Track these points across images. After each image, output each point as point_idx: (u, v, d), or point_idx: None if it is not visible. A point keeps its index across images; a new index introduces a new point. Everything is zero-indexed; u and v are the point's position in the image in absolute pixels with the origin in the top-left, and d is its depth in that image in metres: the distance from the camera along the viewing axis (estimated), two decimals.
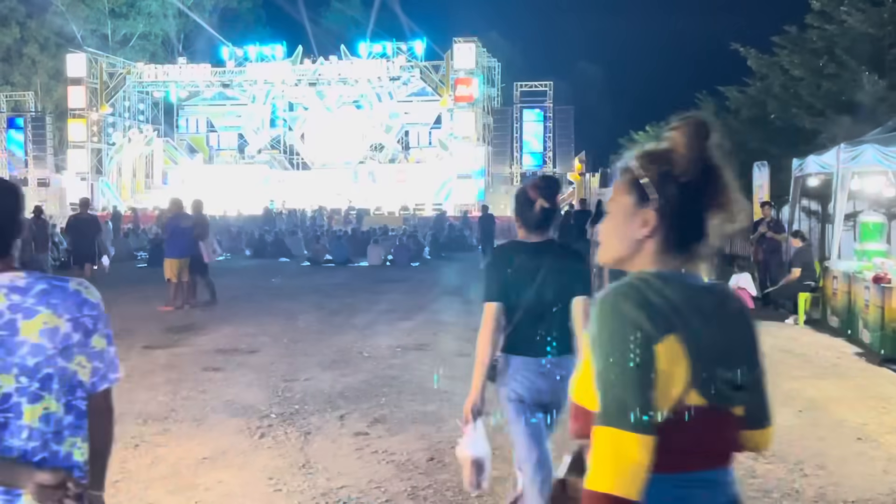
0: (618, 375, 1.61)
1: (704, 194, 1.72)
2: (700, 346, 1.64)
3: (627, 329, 1.61)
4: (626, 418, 1.57)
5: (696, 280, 1.76)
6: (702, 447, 1.68)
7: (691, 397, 1.63)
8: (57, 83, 47.24)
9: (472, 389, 3.61)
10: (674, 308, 1.65)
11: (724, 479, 1.72)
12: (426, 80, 39.52)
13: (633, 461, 1.56)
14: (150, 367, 8.23)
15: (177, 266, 12.45)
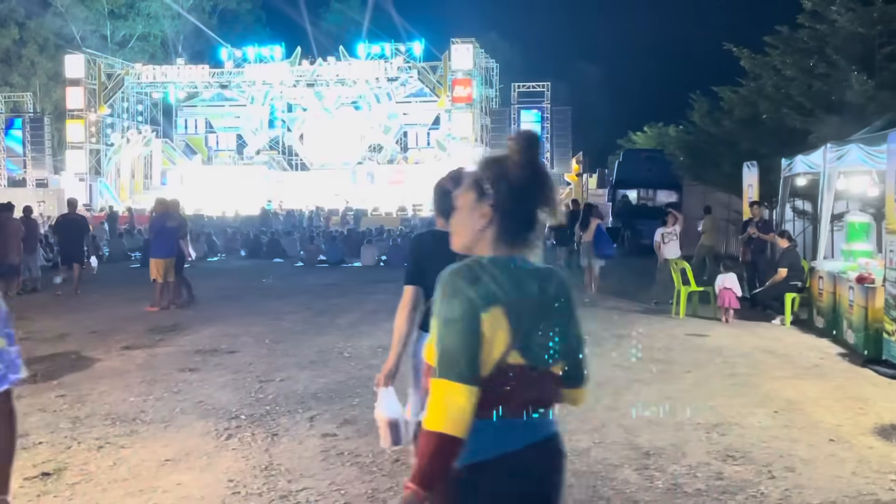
0: (449, 337, 2.04)
1: (532, 194, 2.15)
2: (520, 317, 2.10)
3: (459, 300, 2.05)
4: (455, 372, 2.01)
5: (525, 263, 2.20)
6: (520, 398, 2.12)
7: (512, 357, 2.10)
8: (56, 84, 47.28)
9: (389, 358, 3.97)
10: (499, 285, 2.09)
11: (540, 423, 2.19)
12: (424, 81, 39.50)
13: (459, 407, 2.00)
14: (127, 368, 8.20)
15: (162, 266, 12.42)
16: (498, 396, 2.09)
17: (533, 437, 2.18)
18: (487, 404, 2.07)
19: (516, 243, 2.18)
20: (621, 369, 8.39)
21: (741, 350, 9.51)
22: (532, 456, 2.17)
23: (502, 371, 2.09)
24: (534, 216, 2.19)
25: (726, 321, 11.64)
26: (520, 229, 2.18)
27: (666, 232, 13.90)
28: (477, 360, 2.05)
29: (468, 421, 2.02)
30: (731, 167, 17.42)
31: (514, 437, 2.13)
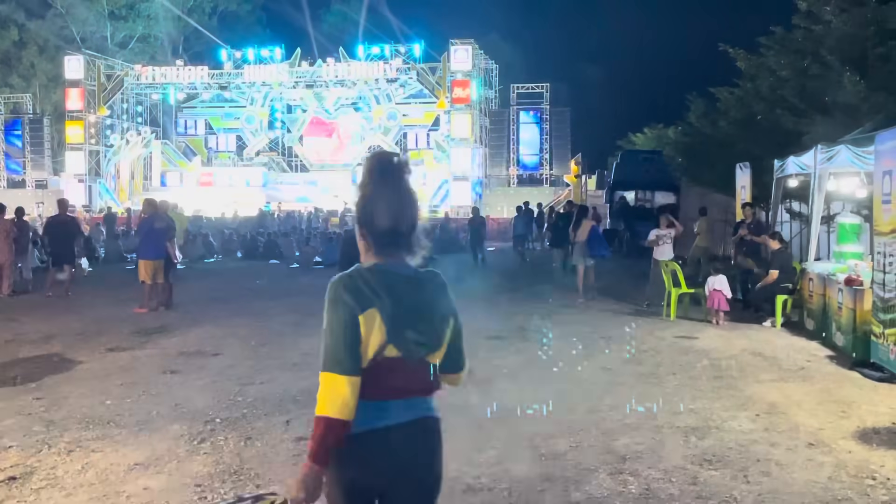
0: (332, 336, 2.45)
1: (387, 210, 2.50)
2: (394, 316, 2.47)
3: (339, 305, 2.45)
4: (338, 366, 2.43)
5: (402, 269, 2.55)
6: (398, 384, 2.51)
7: (389, 350, 2.48)
8: (56, 85, 47.27)
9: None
10: (374, 290, 2.46)
11: (417, 405, 2.58)
12: (423, 82, 39.42)
13: (342, 395, 2.42)
14: (108, 370, 8.15)
15: (151, 267, 12.37)
16: (376, 383, 2.49)
17: (406, 416, 2.56)
18: (370, 390, 2.49)
19: (385, 253, 2.55)
20: (606, 372, 8.34)
21: (729, 352, 9.45)
22: (404, 432, 2.55)
23: (379, 363, 2.49)
24: (395, 229, 2.53)
25: (717, 323, 11.57)
26: (383, 242, 2.54)
27: (660, 233, 13.80)
28: (356, 354, 2.46)
29: (351, 406, 2.44)
30: (726, 168, 17.35)
31: (388, 416, 2.53)
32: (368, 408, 2.50)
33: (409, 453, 2.57)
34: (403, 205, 2.56)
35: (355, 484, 2.57)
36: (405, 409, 2.57)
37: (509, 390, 7.43)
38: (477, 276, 18.95)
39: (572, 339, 10.27)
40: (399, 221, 2.54)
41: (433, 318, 2.61)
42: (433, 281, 2.67)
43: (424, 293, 2.61)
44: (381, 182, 2.55)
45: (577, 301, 14.06)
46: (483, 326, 11.17)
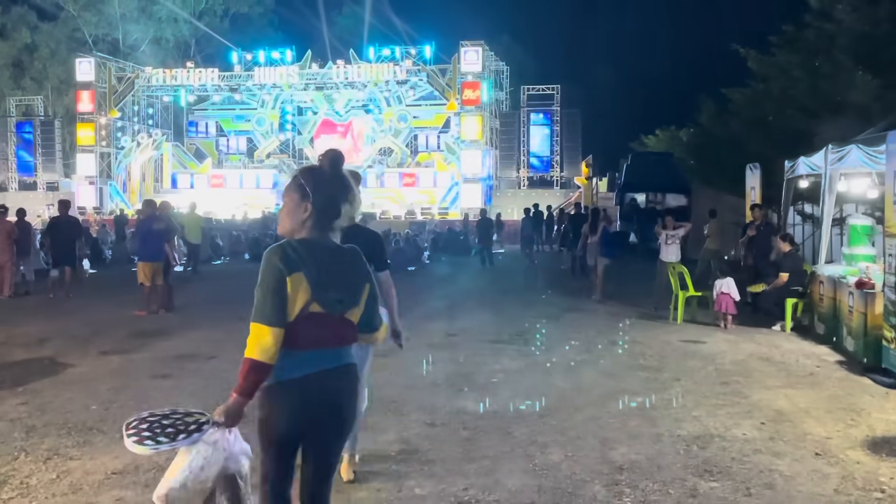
0: (262, 294, 2.96)
1: (337, 196, 3.13)
2: (318, 280, 2.99)
3: (271, 269, 2.96)
4: (264, 318, 2.94)
5: (328, 242, 3.13)
6: (322, 335, 3.05)
7: (313, 307, 3.00)
8: (68, 88, 47.35)
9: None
10: (302, 258, 2.99)
11: (341, 354, 3.13)
12: (433, 83, 39.20)
13: (266, 342, 2.91)
14: (98, 374, 7.98)
15: (149, 269, 12.21)
16: (305, 334, 3.03)
17: (329, 364, 3.11)
18: (294, 339, 3.00)
19: (325, 229, 3.14)
20: (608, 377, 8.11)
21: (736, 357, 9.21)
22: (326, 377, 3.09)
23: (306, 317, 3.02)
24: (338, 211, 3.16)
25: (725, 327, 11.32)
26: (330, 219, 3.15)
27: (668, 233, 13.55)
28: (282, 310, 2.98)
29: (273, 353, 2.96)
30: (736, 169, 17.08)
31: (313, 363, 3.06)
32: (300, 356, 3.04)
33: (334, 394, 3.15)
34: (348, 193, 3.22)
35: (288, 421, 3.07)
36: (330, 357, 3.13)
37: (506, 397, 7.21)
38: (483, 279, 18.75)
39: (576, 343, 10.06)
40: (342, 206, 3.18)
41: (351, 282, 3.17)
42: (352, 252, 3.23)
43: (344, 262, 3.17)
44: (334, 174, 3.22)
45: (591, 298, 13.97)
46: (485, 330, 10.99)
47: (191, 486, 3.20)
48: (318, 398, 3.08)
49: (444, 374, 8.19)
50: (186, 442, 3.21)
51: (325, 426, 3.15)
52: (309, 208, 3.10)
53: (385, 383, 7.71)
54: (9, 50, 48.94)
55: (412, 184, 41.37)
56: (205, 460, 3.22)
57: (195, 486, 3.20)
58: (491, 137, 39.55)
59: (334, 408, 3.16)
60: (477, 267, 21.60)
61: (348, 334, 3.19)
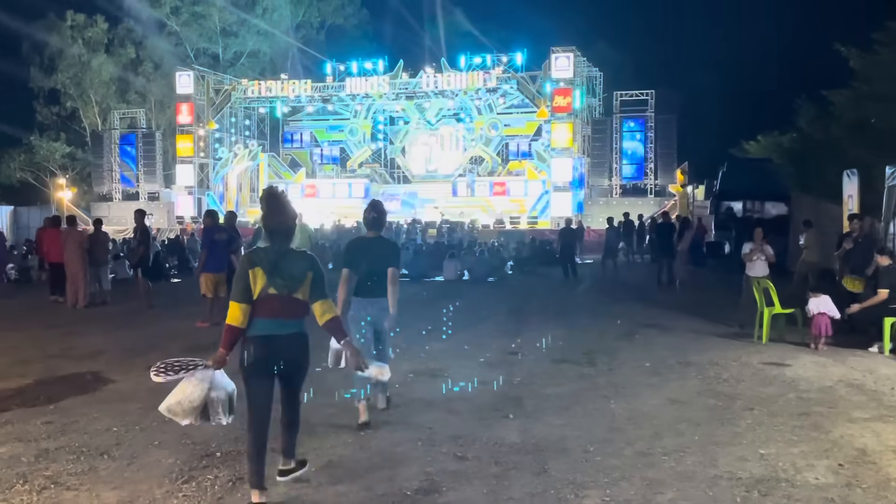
0: (236, 282, 4.68)
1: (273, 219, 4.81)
2: (272, 272, 4.62)
3: (242, 265, 4.71)
4: (237, 297, 4.65)
5: (283, 247, 4.73)
6: (275, 309, 4.65)
7: (270, 289, 4.62)
8: (170, 101, 48.70)
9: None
10: (261, 258, 4.65)
11: (290, 324, 4.73)
12: (523, 91, 38.58)
13: (237, 314, 4.63)
14: (134, 392, 7.75)
15: (212, 281, 12.06)
16: (263, 308, 4.65)
17: (282, 330, 4.73)
18: (258, 311, 4.66)
19: (274, 240, 4.77)
20: (672, 405, 7.40)
21: (821, 383, 8.32)
22: (280, 339, 4.72)
23: (263, 297, 4.65)
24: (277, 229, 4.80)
25: (816, 348, 10.37)
26: (271, 236, 4.79)
27: (755, 247, 12.61)
28: (248, 292, 4.64)
29: (241, 320, 4.64)
30: (836, 176, 15.95)
31: (271, 328, 4.68)
32: (261, 322, 4.69)
33: (284, 350, 4.74)
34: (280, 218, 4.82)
35: (254, 365, 4.74)
36: (281, 325, 4.73)
37: (553, 426, 6.61)
38: (561, 292, 18.03)
39: (645, 364, 9.34)
40: (279, 227, 4.80)
41: (295, 269, 4.74)
42: (298, 252, 4.86)
43: (291, 257, 4.77)
44: (270, 206, 4.87)
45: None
46: (550, 347, 10.37)
47: (185, 402, 4.81)
48: (273, 353, 4.74)
49: (491, 397, 7.63)
50: (185, 375, 4.84)
51: (282, 368, 4.80)
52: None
53: (425, 407, 7.22)
54: (115, 65, 50.68)
55: (502, 192, 40.81)
56: (194, 388, 4.79)
57: (187, 403, 4.81)
58: (583, 145, 38.65)
59: (286, 361, 4.79)
60: (559, 278, 20.88)
61: (298, 309, 4.82)
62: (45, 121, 50.58)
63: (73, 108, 51.11)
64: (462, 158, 44.52)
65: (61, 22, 49.17)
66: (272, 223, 4.80)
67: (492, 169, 43.75)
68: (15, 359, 9.63)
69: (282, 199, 4.90)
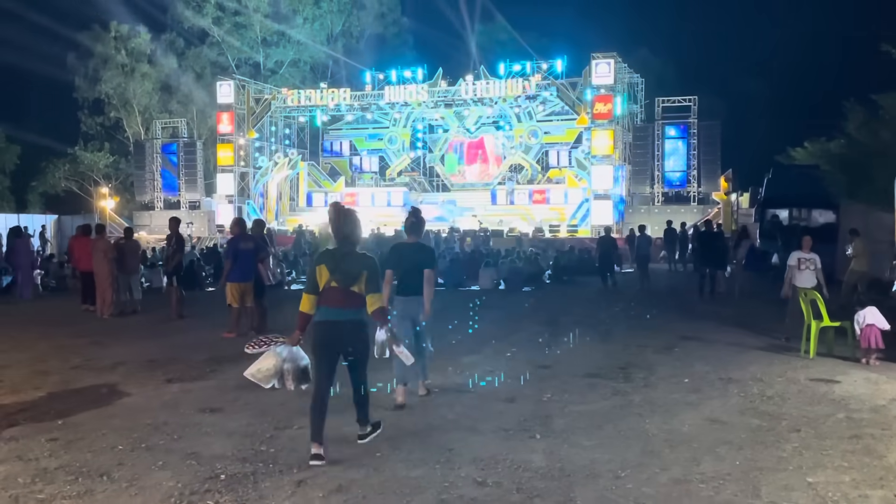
0: (308, 277, 6.06)
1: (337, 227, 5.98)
2: (334, 268, 5.79)
3: (313, 263, 5.97)
4: (307, 289, 5.91)
5: (347, 248, 5.88)
6: (337, 299, 5.80)
7: (332, 283, 5.80)
8: (211, 110, 49.00)
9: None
10: (326, 257, 5.88)
11: (346, 311, 5.82)
12: (563, 98, 38.04)
13: (307, 303, 5.87)
14: (148, 406, 7.47)
15: (238, 290, 11.80)
16: (326, 298, 5.77)
17: (341, 317, 5.78)
18: (323, 301, 5.79)
19: (339, 244, 5.84)
20: (712, 425, 6.92)
21: (874, 402, 7.78)
22: (339, 324, 5.77)
23: (327, 289, 5.75)
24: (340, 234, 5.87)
25: (867, 363, 9.81)
26: (337, 240, 5.86)
27: (803, 257, 12.02)
28: (315, 285, 5.78)
29: (310, 308, 5.81)
30: (886, 182, 15.26)
31: (332, 315, 5.76)
32: (324, 310, 5.81)
33: (342, 334, 5.83)
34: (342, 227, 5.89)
35: (318, 344, 5.83)
36: (340, 313, 5.79)
37: (583, 447, 6.19)
38: (599, 302, 17.50)
39: (685, 380, 8.86)
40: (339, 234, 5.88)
41: (353, 267, 5.79)
42: (358, 254, 5.91)
43: (351, 258, 5.83)
44: (335, 214, 5.95)
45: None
46: (583, 361, 9.93)
47: (263, 370, 6.11)
48: (335, 336, 5.82)
49: (519, 415, 7.22)
50: (266, 349, 6.28)
51: (343, 348, 5.89)
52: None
53: (448, 425, 6.84)
54: (157, 75, 51.18)
55: (542, 201, 40.28)
56: (272, 359, 6.12)
57: (265, 371, 6.12)
58: (624, 152, 37.98)
59: (346, 342, 5.86)
60: (597, 288, 20.35)
61: (355, 300, 5.84)
62: (89, 131, 51.17)
63: (117, 118, 51.66)
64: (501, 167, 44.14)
65: (105, 33, 49.76)
66: (336, 230, 5.91)
67: (531, 177, 43.28)
68: (35, 370, 9.44)
69: (345, 212, 6.00)
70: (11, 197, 50.44)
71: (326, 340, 5.81)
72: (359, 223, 6.02)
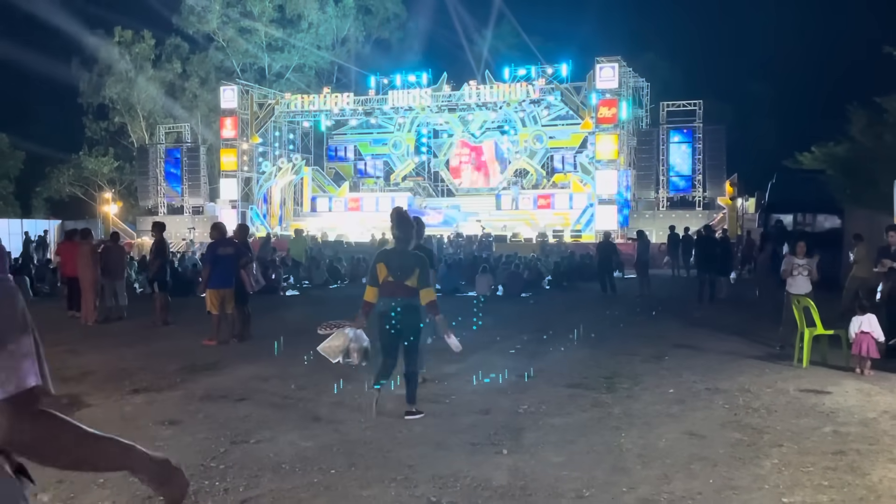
0: (370, 271, 7.36)
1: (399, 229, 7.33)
2: (390, 264, 7.06)
3: (373, 259, 7.37)
4: (370, 282, 7.20)
5: (403, 248, 7.24)
6: (393, 291, 7.05)
7: (389, 278, 7.04)
8: (216, 115, 48.88)
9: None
10: (385, 256, 7.23)
11: (403, 300, 7.04)
12: (567, 102, 37.73)
13: (370, 293, 7.16)
14: (106, 419, 7.19)
15: (217, 297, 11.54)
16: (384, 290, 7.05)
17: (398, 304, 7.01)
18: (382, 292, 7.07)
19: (396, 244, 7.27)
20: (691, 439, 6.61)
21: (863, 415, 7.45)
22: (397, 308, 7.00)
23: (385, 282, 7.04)
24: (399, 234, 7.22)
25: (861, 373, 9.47)
26: (396, 241, 7.27)
27: (797, 263, 11.67)
28: (376, 279, 7.08)
29: (372, 297, 7.11)
30: (890, 187, 14.90)
31: (388, 304, 7.05)
32: (383, 300, 7.02)
33: (400, 316, 6.95)
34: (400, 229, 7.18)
35: (379, 328, 7.12)
36: (396, 301, 6.97)
37: (551, 464, 5.89)
38: (595, 309, 17.18)
39: (669, 390, 8.54)
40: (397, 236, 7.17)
41: (407, 265, 6.97)
42: (411, 253, 7.19)
43: (405, 256, 7.07)
44: (397, 219, 7.20)
45: None
46: (568, 371, 9.63)
47: (332, 348, 7.24)
48: (389, 319, 7.00)
49: (490, 428, 6.91)
50: (335, 329, 7.35)
51: (390, 332, 7.06)
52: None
53: (414, 439, 6.55)
54: (161, 80, 51.13)
55: (547, 206, 39.95)
56: (340, 339, 7.23)
57: (333, 348, 7.24)
58: (629, 157, 37.60)
59: (403, 321, 7.00)
60: (596, 294, 20.02)
61: (410, 291, 7.00)
62: (94, 136, 51.17)
63: (122, 123, 51.63)
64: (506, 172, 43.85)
65: (109, 38, 49.75)
66: (395, 233, 7.23)
67: (536, 182, 42.97)
68: None
69: (402, 217, 7.29)
70: (16, 203, 50.45)
71: (383, 324, 7.08)
72: (413, 227, 7.41)
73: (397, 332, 7.04)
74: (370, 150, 48.33)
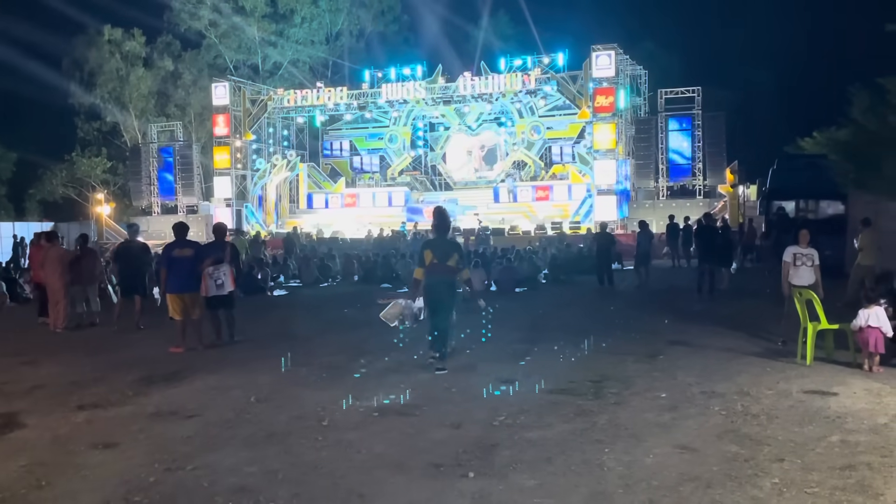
0: (418, 257, 9.83)
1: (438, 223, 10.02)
2: (435, 250, 9.54)
3: (421, 247, 9.98)
4: (419, 264, 9.69)
5: (443, 236, 9.90)
6: (437, 271, 9.46)
7: (434, 260, 9.47)
8: (209, 113, 48.18)
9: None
10: (431, 243, 9.79)
11: (444, 278, 9.52)
12: (564, 92, 36.96)
13: (419, 272, 9.65)
14: (38, 441, 6.54)
15: (178, 302, 10.82)
16: (431, 270, 9.45)
17: (441, 280, 9.48)
18: (428, 272, 9.47)
19: (437, 234, 9.84)
20: (682, 454, 5.93)
21: (874, 421, 6.75)
22: (438, 286, 9.50)
23: (430, 264, 9.46)
24: (439, 227, 9.87)
25: (870, 370, 8.79)
26: (436, 232, 9.87)
27: (800, 252, 10.96)
28: (423, 262, 9.53)
29: (420, 276, 9.56)
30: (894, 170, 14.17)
31: (433, 280, 9.48)
32: (430, 277, 9.48)
33: (440, 289, 9.50)
34: (445, 221, 9.93)
35: (427, 299, 9.74)
36: (440, 276, 9.46)
37: (523, 489, 5.21)
38: (591, 304, 16.48)
39: (662, 395, 7.86)
40: (438, 228, 9.86)
41: (447, 250, 9.60)
42: (450, 240, 10.14)
43: (445, 244, 9.76)
44: (437, 216, 9.91)
45: None
46: (553, 374, 8.93)
47: (391, 313, 10.42)
48: (435, 290, 9.47)
49: (459, 445, 6.23)
50: (394, 302, 10.66)
51: (437, 299, 9.49)
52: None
53: (371, 461, 5.87)
54: (153, 78, 50.45)
55: (545, 197, 39.19)
56: (398, 307, 10.44)
57: (393, 314, 10.41)
58: (627, 146, 36.82)
59: (441, 293, 9.46)
60: (593, 287, 19.31)
61: (450, 271, 9.44)
62: (86, 136, 50.49)
63: (114, 122, 50.97)
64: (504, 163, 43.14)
65: (99, 37, 49.04)
66: (436, 226, 9.77)
67: (534, 173, 42.25)
68: None
69: (442, 214, 9.87)
70: (9, 205, 49.93)
71: (431, 296, 9.48)
72: (450, 222, 10.38)
73: (440, 298, 9.41)
74: (366, 144, 47.61)
